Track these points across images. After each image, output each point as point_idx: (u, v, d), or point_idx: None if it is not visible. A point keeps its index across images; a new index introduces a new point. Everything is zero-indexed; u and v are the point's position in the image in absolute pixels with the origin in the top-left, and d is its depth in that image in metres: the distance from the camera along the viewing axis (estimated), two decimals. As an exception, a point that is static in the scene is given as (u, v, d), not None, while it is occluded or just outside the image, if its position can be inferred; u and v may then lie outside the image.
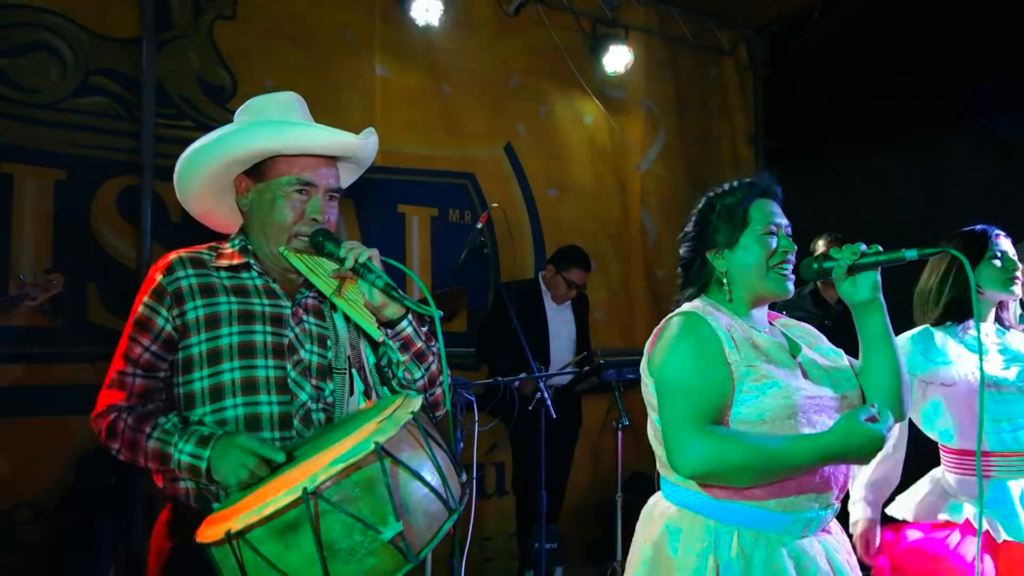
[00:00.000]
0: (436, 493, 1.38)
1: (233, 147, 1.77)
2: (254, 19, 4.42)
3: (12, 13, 3.79)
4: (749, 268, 1.80)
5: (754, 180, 1.88)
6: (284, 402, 1.71)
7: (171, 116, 4.16)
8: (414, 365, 1.79)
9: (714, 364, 1.70)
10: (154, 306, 1.72)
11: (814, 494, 1.70)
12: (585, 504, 5.17)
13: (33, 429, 3.72)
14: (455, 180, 5.15)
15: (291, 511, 1.27)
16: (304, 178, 1.77)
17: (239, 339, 1.70)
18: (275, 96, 1.90)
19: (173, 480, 1.71)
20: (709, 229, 1.86)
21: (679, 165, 6.08)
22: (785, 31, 6.18)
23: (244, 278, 1.78)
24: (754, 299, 1.84)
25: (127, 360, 1.72)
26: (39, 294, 3.10)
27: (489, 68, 5.24)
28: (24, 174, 3.80)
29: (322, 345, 1.79)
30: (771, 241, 1.80)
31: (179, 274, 1.74)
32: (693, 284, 1.89)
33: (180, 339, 1.72)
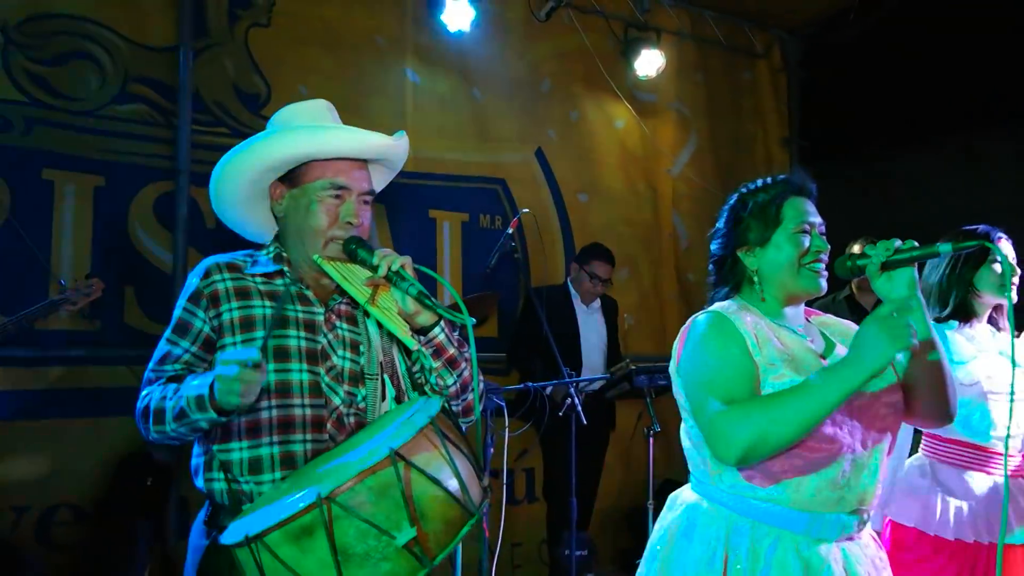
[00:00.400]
0: (454, 498, 1.38)
1: (267, 153, 1.80)
2: (288, 26, 4.47)
3: (54, 23, 3.88)
4: (781, 266, 1.78)
5: (788, 177, 1.86)
6: (317, 406, 1.73)
7: (207, 123, 4.23)
8: (446, 371, 1.80)
9: (740, 356, 1.69)
10: (191, 308, 1.76)
11: (834, 494, 1.67)
12: (616, 511, 5.14)
13: (72, 431, 3.79)
14: (486, 185, 5.15)
15: (306, 516, 1.29)
16: (338, 182, 1.79)
17: (274, 343, 1.73)
18: (306, 104, 1.92)
19: (209, 478, 1.74)
20: (741, 226, 1.84)
21: (711, 168, 6.03)
22: (820, 32, 6.10)
23: (278, 284, 1.80)
24: (787, 297, 1.81)
25: (164, 361, 1.75)
26: (79, 299, 3.16)
27: (520, 73, 5.25)
28: (64, 180, 3.88)
29: (355, 351, 1.80)
30: (804, 240, 1.78)
31: (215, 277, 1.77)
32: (726, 283, 1.88)
33: (217, 340, 1.75)
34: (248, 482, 1.70)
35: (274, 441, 1.70)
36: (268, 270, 1.81)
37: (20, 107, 3.77)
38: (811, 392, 1.57)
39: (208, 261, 1.81)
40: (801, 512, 1.67)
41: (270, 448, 1.70)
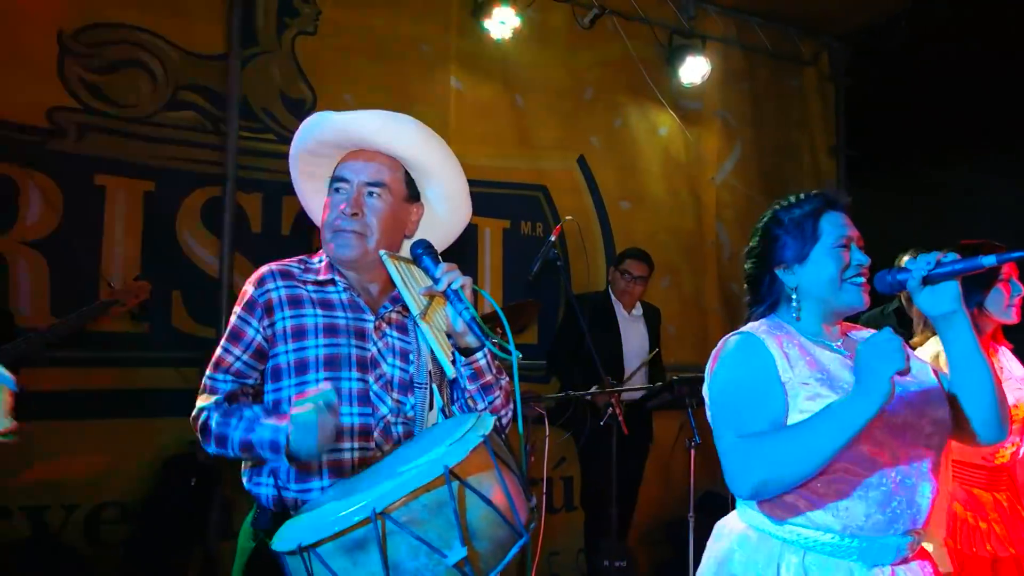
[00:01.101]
0: (503, 518, 1.37)
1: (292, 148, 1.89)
2: (333, 35, 4.53)
3: (108, 31, 3.97)
4: (822, 283, 1.74)
5: (822, 192, 1.82)
6: (365, 414, 1.74)
7: (254, 129, 4.29)
8: (479, 396, 1.78)
9: (764, 385, 1.66)
10: (245, 317, 1.78)
11: (885, 517, 1.62)
12: (655, 522, 5.08)
13: (120, 431, 3.86)
14: (528, 192, 5.15)
15: (359, 529, 1.29)
16: (336, 173, 1.83)
17: (325, 351, 1.74)
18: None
19: (257, 482, 1.76)
20: (777, 244, 1.80)
21: (756, 177, 5.96)
22: (870, 40, 5.99)
23: (330, 292, 1.82)
24: (828, 314, 1.78)
25: (218, 368, 1.79)
26: (128, 299, 3.22)
27: (563, 80, 5.24)
28: (115, 185, 3.96)
29: (404, 359, 1.81)
30: (844, 254, 1.74)
31: (269, 286, 1.79)
32: (763, 301, 1.84)
33: (269, 348, 1.77)
34: (295, 490, 1.71)
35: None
36: (320, 278, 1.82)
37: (74, 114, 3.87)
38: (821, 428, 1.54)
39: (263, 269, 1.83)
40: (853, 538, 1.62)
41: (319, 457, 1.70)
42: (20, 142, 3.71)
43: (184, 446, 3.84)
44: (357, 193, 1.79)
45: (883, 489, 1.62)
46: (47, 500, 3.66)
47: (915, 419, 1.67)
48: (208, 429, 1.71)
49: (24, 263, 3.73)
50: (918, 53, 5.56)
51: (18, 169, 3.71)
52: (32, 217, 3.76)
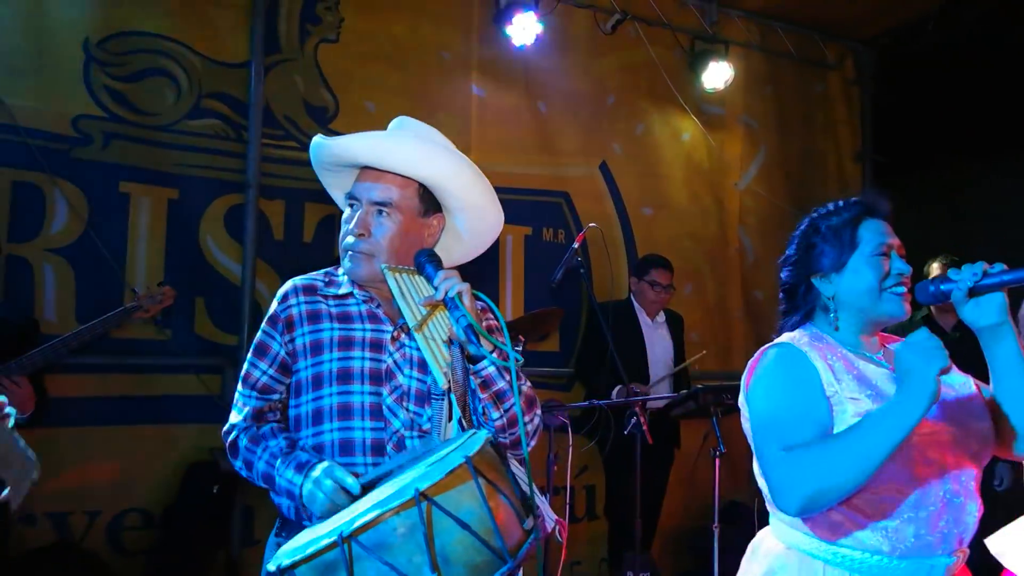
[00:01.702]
0: (482, 542, 1.30)
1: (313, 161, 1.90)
2: (356, 42, 4.54)
3: (133, 40, 4.00)
4: (861, 292, 1.69)
5: (861, 199, 1.77)
6: (377, 428, 1.72)
7: (277, 137, 4.30)
8: (491, 405, 1.74)
9: (809, 397, 1.61)
10: (270, 332, 1.81)
11: (934, 536, 1.57)
12: (679, 532, 5.02)
13: (142, 437, 3.88)
14: (549, 199, 5.12)
15: (329, 553, 1.27)
16: (349, 192, 1.83)
17: (338, 365, 1.75)
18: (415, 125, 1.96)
19: (278, 496, 1.76)
20: (814, 252, 1.75)
21: (780, 183, 5.89)
22: (897, 43, 5.91)
23: (349, 304, 1.82)
24: (866, 324, 1.72)
25: (245, 383, 1.81)
26: (151, 306, 3.23)
27: (585, 86, 5.22)
28: (139, 193, 3.99)
29: (422, 370, 1.78)
30: (883, 262, 1.69)
31: (291, 302, 1.81)
32: (798, 311, 1.80)
33: (292, 363, 1.80)
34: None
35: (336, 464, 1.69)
36: (340, 292, 1.83)
37: (99, 122, 3.90)
38: (871, 432, 1.48)
39: (288, 284, 1.86)
40: (902, 559, 1.56)
41: None
42: (46, 150, 3.75)
43: (206, 453, 3.84)
44: (365, 212, 1.79)
45: (931, 508, 1.57)
46: (70, 506, 3.68)
47: (962, 435, 1.63)
48: (237, 449, 1.76)
49: (50, 270, 3.76)
50: (945, 57, 5.48)
51: (44, 177, 3.74)
52: (58, 224, 3.79)
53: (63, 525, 3.66)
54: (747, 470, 1.79)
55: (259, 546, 3.16)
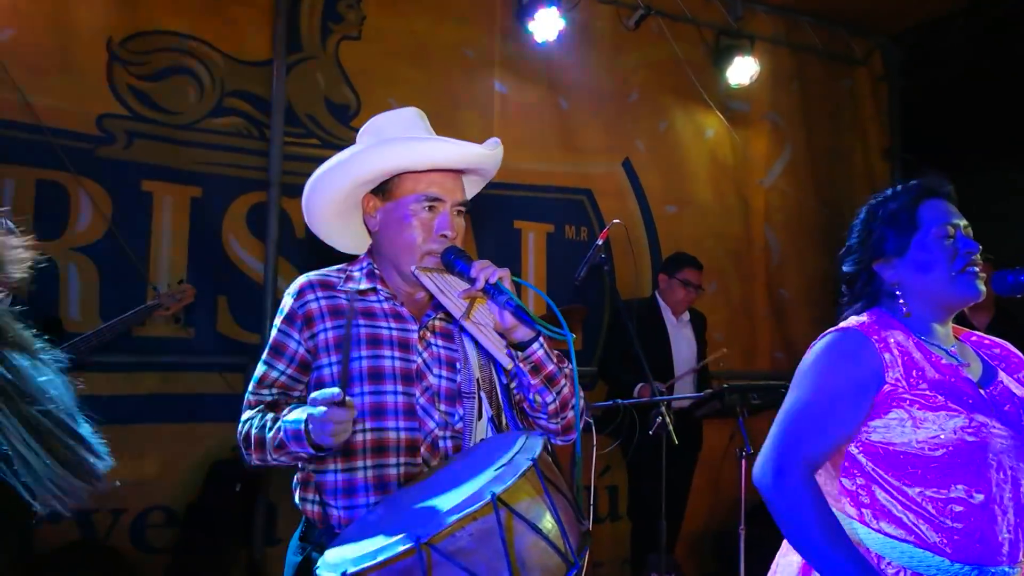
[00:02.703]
0: (554, 547, 1.31)
1: (360, 167, 1.75)
2: (378, 40, 4.52)
3: (156, 39, 4.02)
4: (927, 275, 1.62)
5: (920, 181, 1.71)
6: (411, 428, 1.68)
7: (298, 135, 4.30)
8: (545, 388, 1.70)
9: (850, 394, 1.56)
10: (286, 330, 1.75)
11: (1000, 548, 1.50)
12: (704, 534, 4.96)
13: (165, 436, 3.89)
14: (572, 196, 5.08)
15: (404, 560, 1.24)
16: (432, 194, 1.73)
17: (368, 363, 1.69)
18: (397, 113, 1.88)
19: (304, 498, 1.73)
20: (874, 238, 1.69)
21: (806, 180, 5.80)
22: (926, 38, 5.80)
23: (371, 301, 1.77)
24: (937, 310, 1.64)
25: (262, 383, 1.76)
26: (172, 304, 3.23)
27: (608, 83, 5.17)
28: (162, 191, 4.00)
29: (451, 369, 1.75)
30: (948, 243, 1.61)
31: (308, 297, 1.75)
32: (859, 300, 1.73)
33: (313, 360, 1.74)
34: (340, 506, 1.67)
35: (368, 465, 1.67)
36: (361, 287, 1.77)
37: (122, 121, 3.91)
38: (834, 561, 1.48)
39: (302, 280, 1.79)
40: (964, 564, 1.50)
41: (364, 472, 1.67)
42: (70, 149, 3.76)
43: (229, 451, 3.84)
44: (451, 213, 1.75)
45: (1000, 515, 1.51)
46: (94, 504, 3.69)
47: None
48: (250, 438, 1.70)
49: (74, 268, 3.78)
50: (976, 52, 5.37)
51: (68, 176, 3.76)
52: (82, 223, 3.81)
53: (87, 523, 3.68)
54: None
55: (282, 545, 3.15)
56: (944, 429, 1.51)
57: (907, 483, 1.54)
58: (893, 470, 1.55)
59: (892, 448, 1.55)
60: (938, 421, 1.51)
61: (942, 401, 1.52)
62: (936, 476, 1.51)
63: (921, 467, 1.52)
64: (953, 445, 1.50)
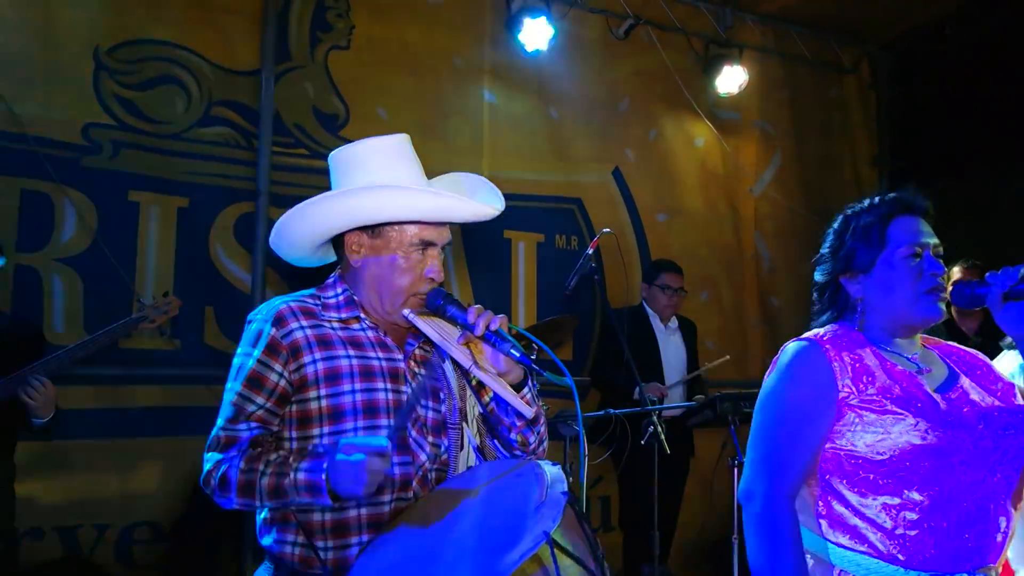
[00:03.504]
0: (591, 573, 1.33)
1: (360, 212, 1.68)
2: (367, 49, 4.51)
3: (143, 48, 3.98)
4: (890, 294, 1.62)
5: (896, 195, 1.69)
6: (405, 463, 1.64)
7: (287, 144, 4.27)
8: (529, 429, 1.71)
9: (813, 404, 1.58)
10: (267, 361, 1.63)
11: (957, 553, 1.49)
12: (697, 544, 4.93)
13: (152, 449, 3.84)
14: (562, 205, 5.07)
15: None
16: (426, 238, 1.69)
17: (363, 396, 1.63)
18: (388, 145, 1.76)
19: (282, 540, 1.63)
20: (843, 251, 1.69)
21: (796, 188, 5.82)
22: (914, 46, 5.83)
23: (356, 330, 1.71)
24: (897, 328, 1.65)
25: (238, 418, 1.63)
26: (157, 316, 3.19)
27: (598, 92, 5.17)
28: (149, 201, 3.96)
29: (436, 399, 1.72)
30: (915, 263, 1.61)
31: (292, 326, 1.65)
32: (826, 310, 1.74)
33: (295, 393, 1.64)
34: (330, 547, 1.60)
35: (362, 503, 1.60)
36: (343, 316, 1.70)
37: (109, 130, 3.88)
38: None
39: (278, 306, 1.68)
40: (919, 572, 1.49)
41: (357, 510, 1.60)
42: (55, 158, 3.72)
43: (216, 464, 3.79)
44: (439, 256, 1.72)
45: (956, 519, 1.50)
46: (78, 520, 3.64)
47: (999, 444, 1.54)
48: (229, 480, 1.56)
49: (58, 280, 3.74)
50: (964, 61, 5.40)
51: (53, 186, 3.72)
52: (66, 234, 3.77)
53: (71, 539, 3.62)
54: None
55: None
56: (890, 433, 1.51)
57: (860, 491, 1.54)
58: (847, 478, 1.56)
59: (843, 453, 1.56)
60: (884, 425, 1.52)
61: (889, 406, 1.53)
62: (888, 483, 1.52)
63: (872, 472, 1.53)
64: (899, 449, 1.50)
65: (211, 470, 1.60)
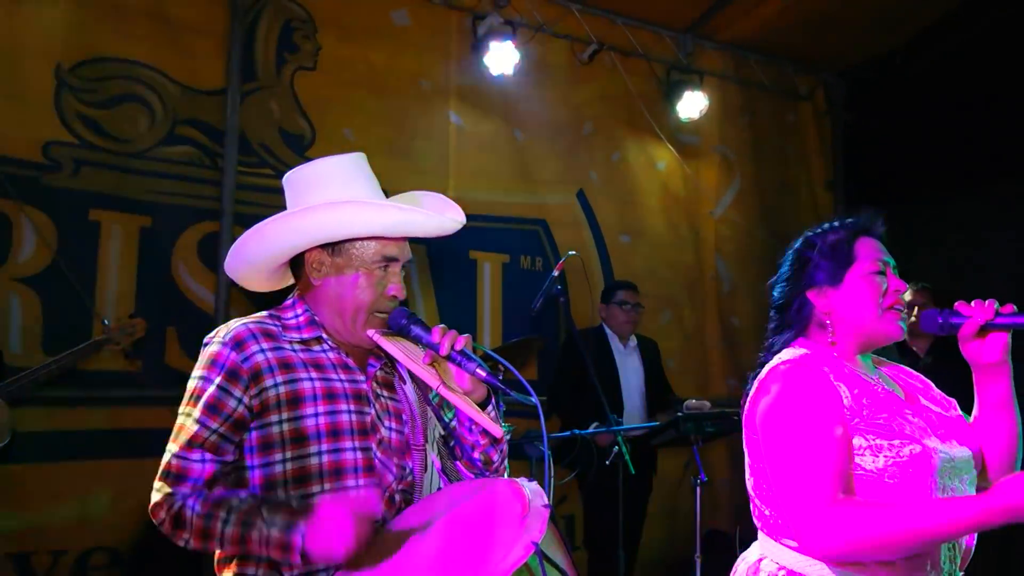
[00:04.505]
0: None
1: (324, 228, 1.66)
2: (333, 70, 4.52)
3: (107, 66, 3.95)
4: (859, 309, 1.65)
5: (857, 218, 1.75)
6: (371, 485, 1.62)
7: (252, 164, 4.26)
8: (492, 448, 1.71)
9: (836, 422, 1.55)
10: (226, 387, 1.58)
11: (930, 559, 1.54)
12: (661, 563, 4.96)
13: (111, 473, 3.76)
14: (527, 227, 5.12)
15: None
16: (388, 254, 1.68)
17: (326, 419, 1.61)
18: (345, 164, 1.76)
19: (244, 564, 1.59)
20: (810, 267, 1.71)
21: (754, 211, 5.95)
22: (866, 75, 6.03)
23: (317, 351, 1.68)
24: (862, 343, 1.68)
25: (192, 445, 1.56)
26: (122, 338, 3.15)
27: (562, 115, 5.24)
28: (111, 221, 3.91)
29: (398, 420, 1.72)
30: (880, 280, 1.66)
31: (253, 349, 1.61)
32: (790, 327, 1.74)
33: (255, 418, 1.60)
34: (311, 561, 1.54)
35: None
36: (304, 336, 1.68)
37: (70, 148, 3.82)
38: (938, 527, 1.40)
39: (237, 328, 1.64)
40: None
41: None
42: (14, 177, 3.66)
43: (177, 487, 3.73)
44: (400, 273, 1.71)
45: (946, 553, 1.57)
46: (33, 545, 3.55)
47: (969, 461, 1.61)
48: (184, 521, 1.50)
49: (16, 300, 3.66)
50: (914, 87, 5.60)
51: (12, 204, 3.65)
52: (25, 253, 3.70)
53: (25, 566, 3.53)
54: (728, 498, 1.77)
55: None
56: (899, 455, 1.53)
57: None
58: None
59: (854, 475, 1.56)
60: (891, 447, 1.53)
61: (893, 428, 1.55)
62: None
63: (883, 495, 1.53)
64: (902, 469, 1.52)
65: (160, 502, 1.54)
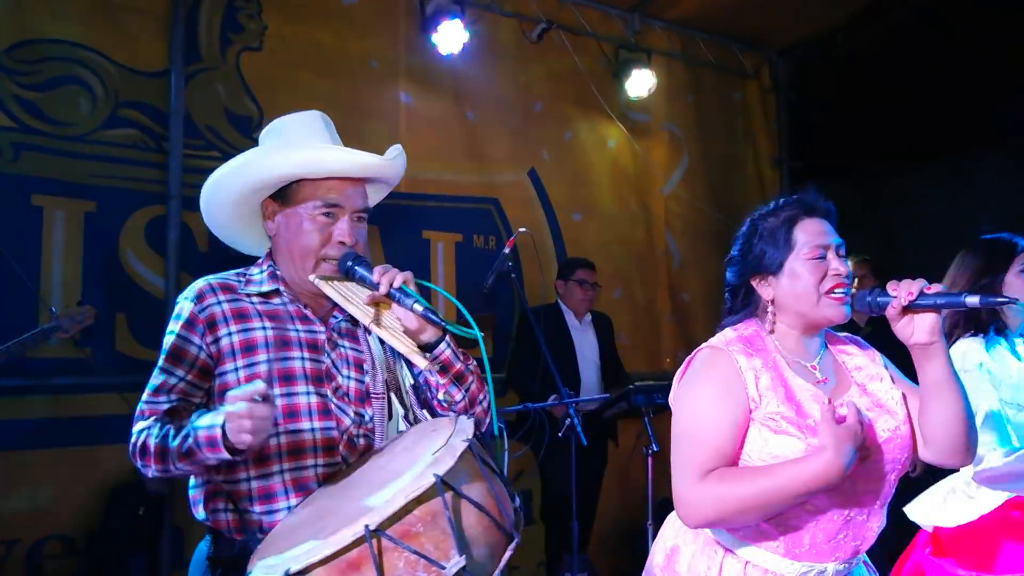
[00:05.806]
0: (496, 522, 1.35)
1: (256, 174, 1.75)
2: (280, 50, 4.46)
3: (44, 48, 3.85)
4: (798, 295, 1.68)
5: (799, 198, 1.76)
6: (327, 428, 1.68)
7: (198, 147, 4.19)
8: (454, 387, 1.75)
9: (730, 407, 1.63)
10: (186, 335, 1.68)
11: (831, 548, 1.64)
12: (614, 532, 5.09)
13: (62, 461, 3.72)
14: (479, 205, 5.14)
15: (354, 549, 1.25)
16: (330, 200, 1.74)
17: (278, 365, 1.68)
18: (299, 116, 1.88)
19: (215, 509, 1.67)
20: (753, 253, 1.74)
21: (703, 188, 6.05)
22: (810, 53, 6.16)
23: (276, 304, 1.76)
24: (805, 327, 1.72)
25: (159, 391, 1.68)
26: (72, 326, 3.11)
27: (512, 94, 5.26)
28: (54, 206, 3.83)
29: (359, 370, 1.76)
30: (820, 264, 1.68)
31: (210, 300, 1.71)
32: (739, 311, 1.80)
33: (216, 366, 1.69)
34: (259, 511, 1.64)
35: (285, 468, 1.65)
36: (264, 289, 1.75)
37: (9, 133, 3.73)
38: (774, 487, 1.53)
39: (200, 283, 1.75)
40: (794, 561, 1.64)
41: (281, 475, 1.65)
42: (-49, 162, 3.57)
43: (130, 474, 3.71)
44: (350, 220, 1.74)
45: (833, 524, 1.63)
46: (-15, 536, 3.51)
47: (879, 461, 1.66)
48: (147, 448, 1.60)
49: (-43, 288, 3.58)
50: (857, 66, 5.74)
51: (-51, 191, 3.56)
52: (-35, 240, 3.62)
53: (-23, 556, 3.49)
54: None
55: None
56: (782, 443, 1.60)
57: None
58: None
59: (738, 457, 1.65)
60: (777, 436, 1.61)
61: (793, 429, 1.60)
62: None
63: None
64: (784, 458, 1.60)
65: (135, 441, 1.65)
